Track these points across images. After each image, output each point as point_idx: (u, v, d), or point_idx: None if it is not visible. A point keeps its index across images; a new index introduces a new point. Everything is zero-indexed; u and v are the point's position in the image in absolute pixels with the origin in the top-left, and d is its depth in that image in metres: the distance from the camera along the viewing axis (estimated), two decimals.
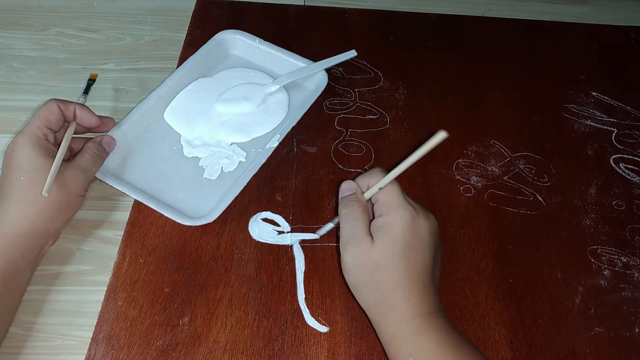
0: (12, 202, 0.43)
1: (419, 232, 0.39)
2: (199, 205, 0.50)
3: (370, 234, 0.40)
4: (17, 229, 0.42)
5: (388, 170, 0.41)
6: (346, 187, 0.43)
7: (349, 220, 0.41)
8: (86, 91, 0.54)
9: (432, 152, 0.56)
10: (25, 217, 0.42)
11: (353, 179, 0.43)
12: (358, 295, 0.41)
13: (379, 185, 0.41)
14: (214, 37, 0.61)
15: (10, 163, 0.44)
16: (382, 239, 0.39)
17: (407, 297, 0.38)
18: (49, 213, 0.43)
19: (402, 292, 0.38)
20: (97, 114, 0.50)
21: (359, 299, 0.41)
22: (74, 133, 0.48)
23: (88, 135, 0.51)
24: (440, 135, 0.37)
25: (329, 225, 0.46)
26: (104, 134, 0.51)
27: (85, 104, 0.50)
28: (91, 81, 0.56)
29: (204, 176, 0.52)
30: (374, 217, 0.41)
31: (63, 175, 0.44)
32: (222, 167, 0.53)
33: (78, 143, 0.49)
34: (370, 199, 0.42)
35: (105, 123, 0.51)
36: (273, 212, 0.51)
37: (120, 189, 0.49)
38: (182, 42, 0.65)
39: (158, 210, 0.47)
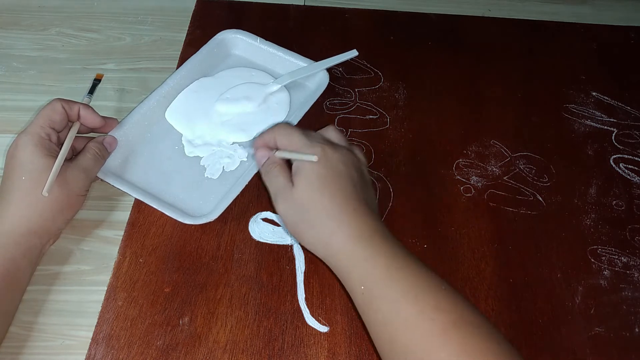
0: (13, 201, 0.43)
1: (330, 164, 0.41)
2: (200, 204, 0.50)
3: (292, 181, 0.42)
4: (17, 228, 0.42)
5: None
6: (261, 155, 0.45)
7: (272, 179, 0.43)
8: (91, 91, 0.54)
9: (432, 152, 0.57)
10: (26, 216, 0.42)
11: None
12: (301, 239, 0.42)
13: (294, 156, 0.43)
14: (215, 36, 0.61)
15: (12, 162, 0.44)
16: (299, 180, 0.41)
17: (339, 225, 0.39)
18: (50, 213, 0.43)
19: (333, 220, 0.39)
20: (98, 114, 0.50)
21: (303, 243, 0.42)
22: (77, 133, 0.48)
23: (91, 135, 0.51)
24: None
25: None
26: (105, 134, 0.51)
27: (90, 104, 0.50)
28: (97, 81, 0.56)
29: (206, 175, 0.52)
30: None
31: (64, 175, 0.44)
32: (223, 167, 0.53)
33: (80, 143, 0.49)
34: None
35: (109, 123, 0.51)
36: (273, 212, 0.51)
37: (121, 189, 0.49)
38: (182, 42, 0.65)
39: (159, 209, 0.47)
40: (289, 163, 0.44)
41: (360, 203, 0.40)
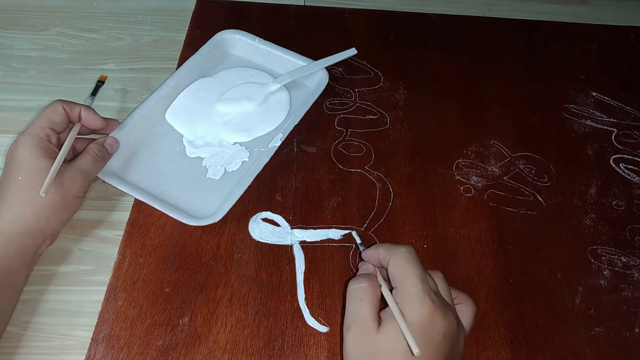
0: (9, 201, 0.43)
1: (431, 333, 0.34)
2: (203, 205, 0.50)
3: (378, 318, 0.36)
4: (11, 228, 0.42)
5: (417, 256, 0.38)
6: (364, 269, 0.40)
7: (355, 299, 0.37)
8: (94, 93, 0.54)
9: (432, 152, 0.57)
10: (20, 216, 0.42)
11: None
12: None
13: (391, 305, 0.36)
14: (214, 37, 0.61)
15: (10, 162, 0.44)
16: (388, 329, 0.35)
17: None
18: (45, 213, 0.43)
19: None
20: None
21: None
22: (78, 134, 0.48)
23: (92, 136, 0.51)
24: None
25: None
26: (107, 135, 0.51)
27: (92, 106, 0.50)
28: (100, 83, 0.56)
29: (208, 176, 0.52)
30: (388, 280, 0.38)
31: (62, 176, 0.44)
32: (225, 167, 0.53)
33: (82, 144, 0.49)
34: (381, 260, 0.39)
35: (110, 125, 0.51)
36: (273, 212, 0.51)
37: (124, 190, 0.49)
38: (182, 42, 0.65)
39: (163, 210, 0.47)
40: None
41: None
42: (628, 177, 0.56)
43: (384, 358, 0.35)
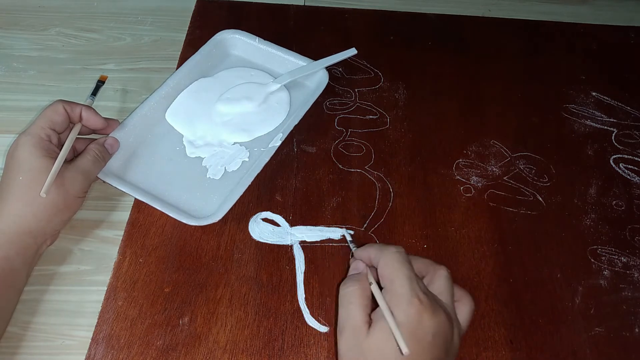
0: (9, 200, 0.43)
1: (419, 333, 0.34)
2: (203, 205, 0.50)
3: (369, 320, 0.36)
4: (12, 228, 0.42)
5: (406, 257, 0.38)
6: (354, 267, 0.41)
7: (345, 303, 0.37)
8: (94, 93, 0.54)
9: (432, 152, 0.57)
10: (21, 216, 0.42)
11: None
12: None
13: (380, 303, 0.36)
14: (213, 37, 0.61)
15: (11, 162, 0.44)
16: (378, 330, 0.35)
17: None
18: (45, 213, 0.43)
19: None
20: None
21: None
22: (78, 134, 0.48)
23: (93, 136, 0.51)
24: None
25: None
26: (107, 135, 0.51)
27: (92, 106, 0.50)
28: (100, 83, 0.56)
29: (208, 176, 0.52)
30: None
31: (62, 176, 0.44)
32: (225, 167, 0.53)
33: (82, 144, 0.49)
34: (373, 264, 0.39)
35: (111, 125, 0.51)
36: (273, 212, 0.51)
37: (124, 190, 0.49)
38: (182, 42, 0.65)
39: (163, 210, 0.47)
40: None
41: None
42: (628, 177, 0.56)
43: (375, 358, 0.35)
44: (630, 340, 0.46)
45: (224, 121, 0.56)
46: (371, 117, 0.59)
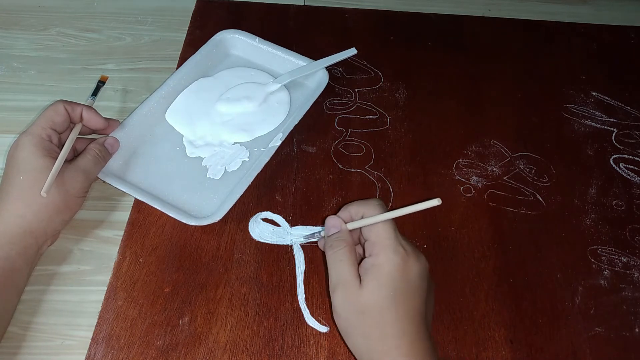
0: (10, 200, 0.43)
1: (408, 276, 0.37)
2: (203, 205, 0.50)
3: (359, 276, 0.38)
4: (13, 228, 0.42)
5: (386, 206, 0.39)
6: (331, 224, 0.41)
7: (335, 262, 0.39)
8: (95, 93, 0.54)
9: (432, 152, 0.57)
10: (22, 216, 0.42)
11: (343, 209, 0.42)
12: (348, 339, 0.39)
13: (367, 222, 0.39)
14: (213, 37, 0.61)
15: (11, 162, 0.44)
16: (370, 281, 0.37)
17: (397, 345, 0.36)
18: (46, 213, 0.43)
19: (392, 338, 0.36)
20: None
21: (349, 343, 0.39)
22: (79, 134, 0.48)
23: (93, 136, 0.51)
24: (435, 201, 0.37)
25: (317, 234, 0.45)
26: (107, 135, 0.51)
27: (93, 106, 0.50)
28: (101, 83, 0.56)
29: (208, 176, 0.52)
30: (364, 256, 0.39)
31: (63, 176, 0.44)
32: (225, 167, 0.53)
33: (82, 144, 0.49)
34: (361, 234, 0.41)
35: (111, 125, 0.51)
36: (273, 212, 0.51)
37: (124, 190, 0.49)
38: (182, 42, 0.65)
39: (163, 210, 0.47)
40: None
41: (423, 325, 0.37)
42: (628, 177, 0.56)
43: (371, 309, 0.37)
44: (630, 340, 0.46)
45: (224, 121, 0.56)
46: (371, 117, 0.59)
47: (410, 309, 0.37)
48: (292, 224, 0.50)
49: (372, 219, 0.39)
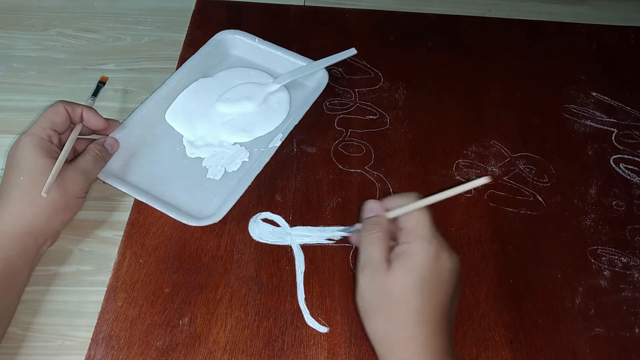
0: (10, 201, 0.43)
1: (438, 268, 0.37)
2: (203, 205, 0.50)
3: (389, 260, 0.38)
4: (13, 228, 0.42)
5: (424, 196, 0.39)
6: (369, 208, 0.41)
7: (368, 244, 0.39)
8: (95, 94, 0.54)
9: (432, 152, 0.57)
10: (22, 216, 0.42)
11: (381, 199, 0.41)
12: (368, 321, 0.38)
13: (407, 209, 0.39)
14: (213, 37, 0.61)
15: (11, 162, 0.44)
16: (399, 267, 0.37)
17: (415, 335, 0.36)
18: (46, 214, 0.43)
19: (412, 327, 0.36)
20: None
21: (367, 326, 0.38)
22: (79, 134, 0.48)
23: (93, 136, 0.51)
24: (484, 179, 0.37)
25: (340, 233, 0.46)
26: (107, 135, 0.51)
27: (93, 107, 0.50)
28: (101, 84, 0.56)
29: (208, 176, 0.52)
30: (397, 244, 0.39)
31: (63, 177, 0.44)
32: (225, 167, 0.53)
33: (82, 144, 0.49)
34: (396, 223, 0.40)
35: (112, 125, 0.51)
36: (273, 212, 0.51)
37: (124, 190, 0.49)
38: (182, 42, 0.65)
39: (163, 211, 0.47)
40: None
41: (444, 321, 0.37)
42: (628, 177, 0.56)
43: (396, 292, 0.36)
44: (630, 340, 0.46)
45: (224, 121, 0.56)
46: (371, 117, 0.59)
47: (436, 302, 0.37)
48: (292, 224, 0.50)
49: (411, 206, 0.39)
